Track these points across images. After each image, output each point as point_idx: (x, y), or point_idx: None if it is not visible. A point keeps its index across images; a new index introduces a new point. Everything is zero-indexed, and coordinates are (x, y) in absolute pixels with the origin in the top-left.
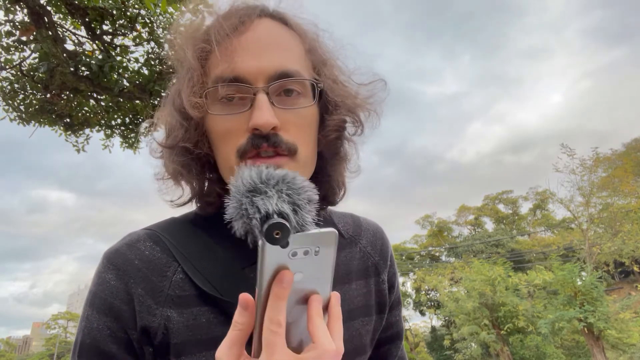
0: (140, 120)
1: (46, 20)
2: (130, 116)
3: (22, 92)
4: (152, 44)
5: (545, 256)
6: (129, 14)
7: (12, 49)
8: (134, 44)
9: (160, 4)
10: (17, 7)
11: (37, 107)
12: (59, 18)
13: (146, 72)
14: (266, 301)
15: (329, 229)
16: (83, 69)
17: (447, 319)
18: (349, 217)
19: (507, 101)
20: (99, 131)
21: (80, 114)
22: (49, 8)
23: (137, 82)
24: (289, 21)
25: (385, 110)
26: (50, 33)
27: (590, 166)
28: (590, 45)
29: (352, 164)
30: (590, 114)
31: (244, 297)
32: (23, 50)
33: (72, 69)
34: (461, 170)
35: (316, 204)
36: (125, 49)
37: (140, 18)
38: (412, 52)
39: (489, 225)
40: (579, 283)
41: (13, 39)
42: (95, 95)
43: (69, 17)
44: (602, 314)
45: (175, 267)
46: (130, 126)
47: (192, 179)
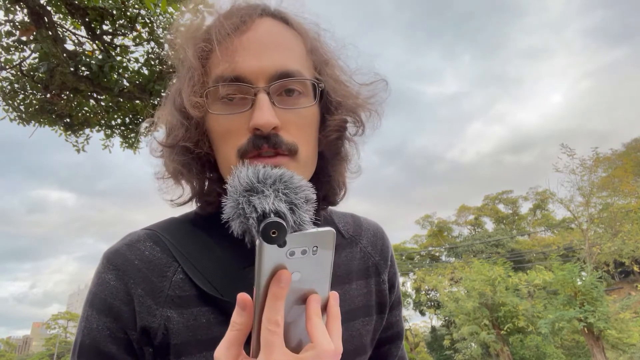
0: (140, 120)
1: (46, 20)
2: (130, 116)
3: (22, 92)
4: (152, 44)
5: (545, 256)
6: (129, 14)
7: (12, 49)
8: (134, 44)
9: (160, 4)
10: (17, 7)
11: (37, 107)
12: (59, 18)
13: (146, 72)
14: (264, 301)
15: (327, 228)
16: (83, 69)
17: (447, 319)
18: (350, 217)
19: (507, 101)
20: (99, 131)
21: (80, 114)
22: (49, 8)
23: (137, 82)
24: (290, 20)
25: (385, 110)
26: (50, 33)
27: (590, 166)
28: (590, 45)
29: (353, 164)
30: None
31: (242, 297)
32: (23, 50)
33: (72, 69)
34: (461, 170)
35: (315, 203)
36: (125, 49)
37: (140, 18)
38: (412, 52)
39: (489, 225)
40: (579, 283)
41: (13, 39)
42: (95, 95)
43: (69, 17)
44: (602, 314)
45: (175, 268)
46: (130, 126)
47: (192, 178)
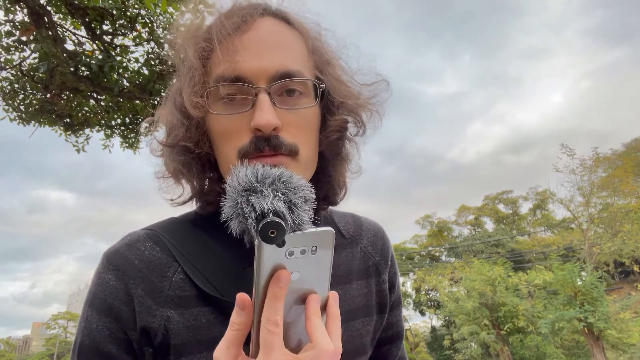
0: (140, 120)
1: (46, 20)
2: (130, 116)
3: (22, 92)
4: (152, 44)
5: (545, 256)
6: (129, 14)
7: (12, 49)
8: (134, 44)
9: (160, 4)
10: (17, 7)
11: (37, 107)
12: (59, 18)
13: (146, 72)
14: (263, 301)
15: (326, 228)
16: (83, 69)
17: (447, 319)
18: (350, 217)
19: (507, 101)
20: (99, 131)
21: (80, 114)
22: (49, 8)
23: (137, 82)
24: (291, 20)
25: (386, 111)
26: (50, 33)
27: (590, 166)
28: (590, 46)
29: (354, 164)
30: (590, 114)
31: (241, 297)
32: (23, 50)
33: (72, 69)
34: (461, 170)
35: (314, 203)
36: (125, 49)
37: (140, 18)
38: (412, 52)
39: (489, 225)
40: (579, 283)
41: (13, 39)
42: (95, 95)
43: (69, 17)
44: (602, 314)
45: (175, 268)
46: (130, 126)
47: (192, 178)
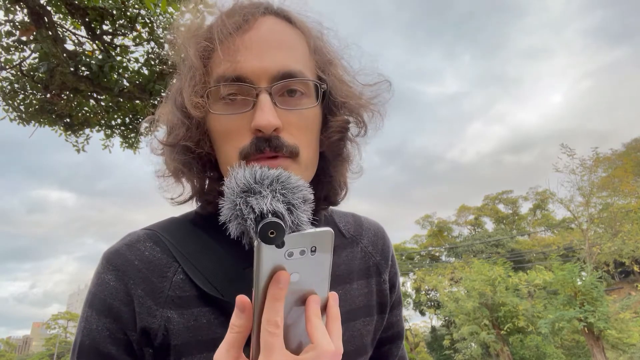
0: (140, 120)
1: (46, 20)
2: (130, 116)
3: (22, 92)
4: (152, 44)
5: (545, 256)
6: (129, 14)
7: (12, 49)
8: (134, 44)
9: (160, 4)
10: (17, 7)
11: (37, 107)
12: (59, 18)
13: (146, 72)
14: (263, 302)
15: (325, 229)
16: (83, 69)
17: (447, 319)
18: (350, 217)
19: (507, 101)
20: (99, 131)
21: (80, 114)
22: (49, 8)
23: (137, 82)
24: (293, 19)
25: (387, 111)
26: (50, 33)
27: (590, 166)
28: (590, 45)
29: (355, 165)
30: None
31: (240, 299)
32: (23, 50)
33: (72, 69)
34: (461, 170)
35: (314, 203)
36: (125, 49)
37: (140, 18)
38: (412, 52)
39: (489, 225)
40: (579, 283)
41: (13, 39)
42: (95, 95)
43: (69, 17)
44: (602, 314)
45: (175, 268)
46: (130, 126)
47: (192, 177)
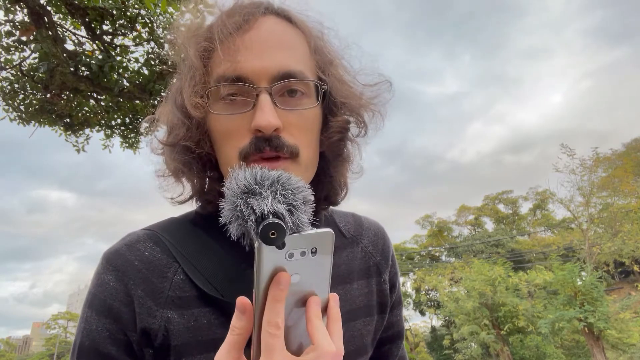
0: (140, 120)
1: (46, 20)
2: (130, 116)
3: (22, 92)
4: (152, 44)
5: (545, 256)
6: (129, 14)
7: (12, 49)
8: (134, 44)
9: (160, 4)
10: (17, 7)
11: (37, 107)
12: (59, 18)
13: (146, 72)
14: (264, 304)
15: (326, 230)
16: (83, 69)
17: (447, 319)
18: (351, 217)
19: (507, 101)
20: (99, 131)
21: (80, 114)
22: (49, 8)
23: (137, 82)
24: (293, 19)
25: (387, 111)
26: (50, 33)
27: (590, 166)
28: (590, 45)
29: (355, 165)
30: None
31: (241, 300)
32: (23, 50)
33: (72, 69)
34: (461, 170)
35: (314, 205)
36: (125, 49)
37: (140, 18)
38: (412, 52)
39: (489, 225)
40: (579, 283)
41: (13, 39)
42: (95, 95)
43: (69, 17)
44: (602, 314)
45: (175, 268)
46: (130, 126)
47: (192, 177)
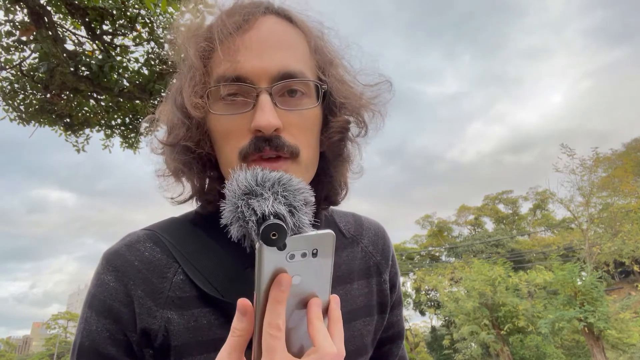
0: (140, 120)
1: (46, 20)
2: (130, 116)
3: (22, 92)
4: (152, 44)
5: (545, 256)
6: (129, 14)
7: (12, 49)
8: (134, 44)
9: (160, 4)
10: (17, 7)
11: (37, 107)
12: (59, 18)
13: (146, 72)
14: (265, 305)
15: (327, 231)
16: (83, 69)
17: (447, 319)
18: (351, 217)
19: (507, 101)
20: (99, 131)
21: (80, 114)
22: (49, 8)
23: (137, 82)
24: (294, 18)
25: (388, 111)
26: (50, 33)
27: (590, 166)
28: (590, 45)
29: (355, 165)
30: (590, 114)
31: (242, 302)
32: (23, 50)
33: (72, 69)
34: (461, 170)
35: (314, 206)
36: (125, 49)
37: (140, 18)
38: (412, 52)
39: (489, 225)
40: (579, 283)
41: (13, 39)
42: (95, 95)
43: (69, 17)
44: (602, 314)
45: (175, 268)
46: (130, 126)
47: (193, 177)
